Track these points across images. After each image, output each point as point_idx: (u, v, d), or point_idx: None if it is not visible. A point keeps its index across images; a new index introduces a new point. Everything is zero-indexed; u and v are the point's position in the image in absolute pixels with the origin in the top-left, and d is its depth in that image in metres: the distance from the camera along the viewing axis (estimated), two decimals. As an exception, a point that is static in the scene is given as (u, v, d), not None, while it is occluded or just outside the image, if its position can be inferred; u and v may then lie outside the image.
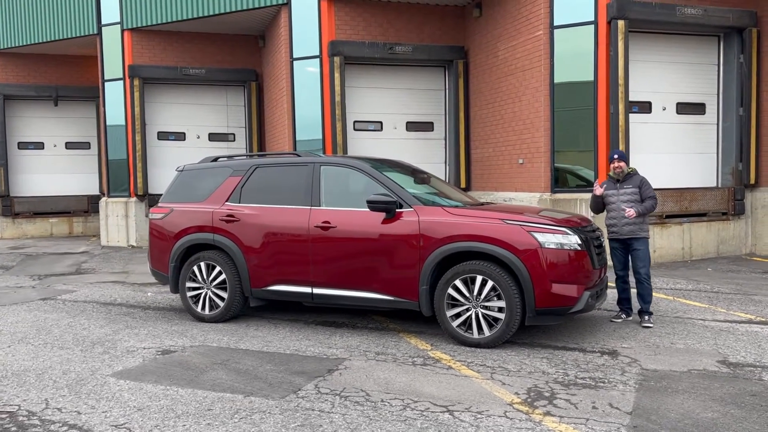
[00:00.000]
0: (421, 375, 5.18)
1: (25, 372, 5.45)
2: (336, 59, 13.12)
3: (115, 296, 9.06)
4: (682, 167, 12.00)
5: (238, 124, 17.06)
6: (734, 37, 11.84)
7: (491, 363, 5.48)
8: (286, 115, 13.89)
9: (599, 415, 4.24)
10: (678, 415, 4.23)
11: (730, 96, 11.98)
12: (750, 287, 8.83)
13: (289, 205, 6.90)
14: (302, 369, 5.39)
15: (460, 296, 6.01)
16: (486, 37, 13.28)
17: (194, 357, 5.82)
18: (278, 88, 14.53)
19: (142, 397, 4.74)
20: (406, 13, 13.83)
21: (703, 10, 11.24)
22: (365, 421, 4.22)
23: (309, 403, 4.56)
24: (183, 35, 16.02)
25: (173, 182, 7.81)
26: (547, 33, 11.38)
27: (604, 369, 5.28)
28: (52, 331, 6.97)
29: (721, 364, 5.36)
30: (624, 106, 10.92)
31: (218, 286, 7.17)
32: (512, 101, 12.42)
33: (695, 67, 12.04)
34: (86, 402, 4.67)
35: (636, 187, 6.86)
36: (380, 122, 14.18)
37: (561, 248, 5.82)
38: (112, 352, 6.04)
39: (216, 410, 4.46)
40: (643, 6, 10.93)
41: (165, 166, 16.31)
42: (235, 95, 16.93)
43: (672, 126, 11.95)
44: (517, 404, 4.48)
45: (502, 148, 12.86)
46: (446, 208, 6.30)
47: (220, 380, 5.12)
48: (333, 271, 6.58)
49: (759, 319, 7.01)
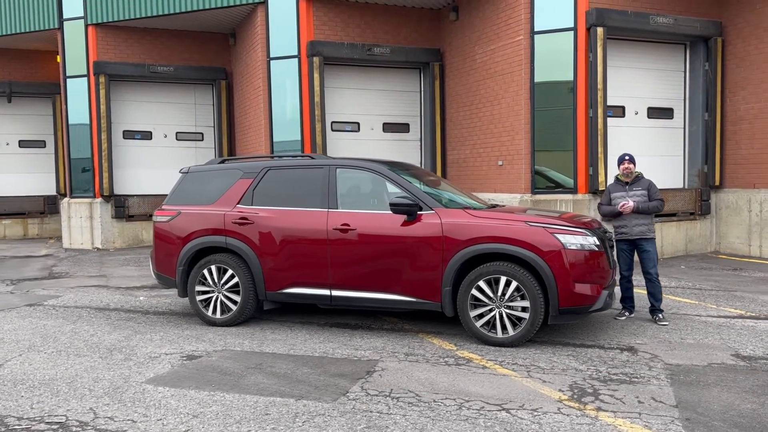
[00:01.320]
0: (460, 375, 5.30)
1: (52, 381, 5.29)
2: (315, 59, 13.10)
3: (106, 301, 8.81)
4: (653, 169, 12.45)
5: (207, 123, 16.78)
6: (700, 46, 12.45)
7: (522, 362, 5.65)
8: (263, 115, 13.77)
9: (649, 409, 4.46)
10: (720, 407, 4.49)
11: (696, 101, 12.59)
12: (728, 283, 9.33)
13: (305, 208, 6.89)
14: (340, 371, 5.43)
15: (483, 297, 6.15)
16: (463, 41, 13.51)
17: (224, 362, 5.77)
18: (253, 87, 14.38)
19: (191, 404, 4.69)
20: (383, 14, 13.92)
21: (673, 19, 11.79)
22: (428, 421, 4.30)
23: (364, 405, 4.62)
24: (150, 31, 15.65)
25: (178, 184, 7.67)
26: (528, 38, 11.69)
27: (630, 365, 5.52)
28: (58, 338, 6.76)
29: (736, 358, 5.69)
30: (603, 110, 11.34)
31: (230, 290, 7.10)
32: (491, 104, 12.69)
33: (664, 73, 12.60)
34: (135, 410, 4.58)
35: (645, 189, 7.14)
36: (357, 123, 14.23)
37: (582, 249, 6.05)
38: (135, 359, 5.91)
39: (274, 415, 4.46)
40: (619, 14, 11.37)
41: (131, 166, 15.94)
42: (203, 94, 16.64)
43: (643, 130, 12.47)
44: (566, 401, 4.66)
45: (479, 150, 13.12)
46: (468, 211, 6.44)
47: (263, 384, 5.11)
48: (353, 273, 6.62)
49: (749, 314, 7.44)
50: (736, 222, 12.28)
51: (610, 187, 7.37)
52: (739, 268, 10.70)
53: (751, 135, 12.07)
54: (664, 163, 12.71)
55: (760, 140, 11.91)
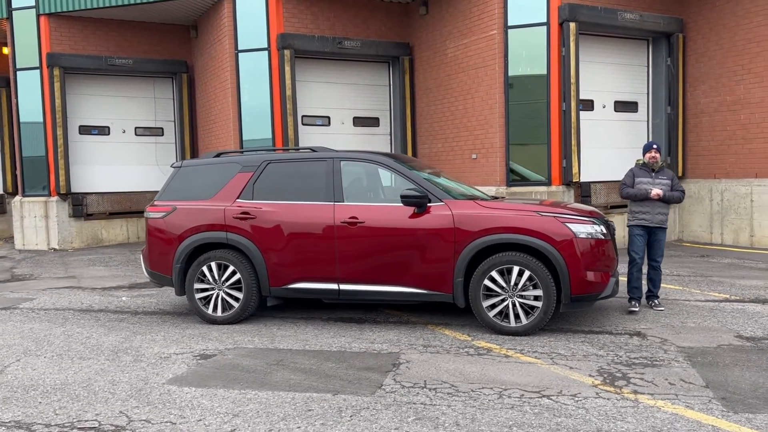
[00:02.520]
0: (486, 364, 5.33)
1: (66, 385, 5.03)
2: (286, 52, 12.90)
3: (87, 302, 8.45)
4: (620, 161, 12.84)
5: (167, 117, 16.28)
6: (662, 42, 12.89)
7: (542, 349, 5.74)
8: (231, 109, 13.48)
9: (683, 390, 4.60)
10: (748, 386, 4.68)
11: (659, 95, 13.04)
12: (702, 269, 9.72)
13: (309, 201, 6.78)
14: (366, 365, 5.38)
15: (496, 287, 6.21)
16: (433, 35, 13.56)
17: (242, 359, 5.62)
18: (219, 80, 14.05)
19: (226, 403, 4.55)
20: (353, 7, 13.83)
21: (639, 15, 12.16)
22: (475, 411, 4.31)
23: (405, 398, 4.59)
24: (107, 23, 15.06)
25: (171, 179, 7.42)
26: (502, 33, 11.84)
27: (645, 349, 5.68)
28: (52, 341, 6.44)
29: (740, 339, 5.94)
30: (575, 104, 11.61)
31: (232, 287, 6.92)
32: (464, 98, 12.80)
33: (629, 68, 12.99)
34: (169, 412, 4.42)
35: (670, 179, 7.23)
36: (328, 117, 14.11)
37: (591, 237, 6.18)
38: (145, 360, 5.70)
39: (317, 410, 4.38)
40: (590, 10, 11.65)
41: (88, 163, 15.33)
42: (163, 87, 16.13)
43: (611, 123, 12.83)
44: (601, 386, 4.75)
45: (452, 144, 13.22)
46: (479, 202, 6.48)
47: (293, 380, 5.01)
48: (362, 266, 6.56)
49: (733, 297, 7.77)
50: (699, 211, 12.80)
51: (635, 170, 7.38)
52: (706, 255, 11.16)
53: (711, 127, 12.59)
54: (629, 154, 13.06)
55: (719, 132, 12.44)
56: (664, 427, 3.97)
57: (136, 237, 15.68)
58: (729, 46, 12.12)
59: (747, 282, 8.68)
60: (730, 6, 12.08)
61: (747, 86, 11.90)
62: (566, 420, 4.11)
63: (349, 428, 4.07)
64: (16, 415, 4.43)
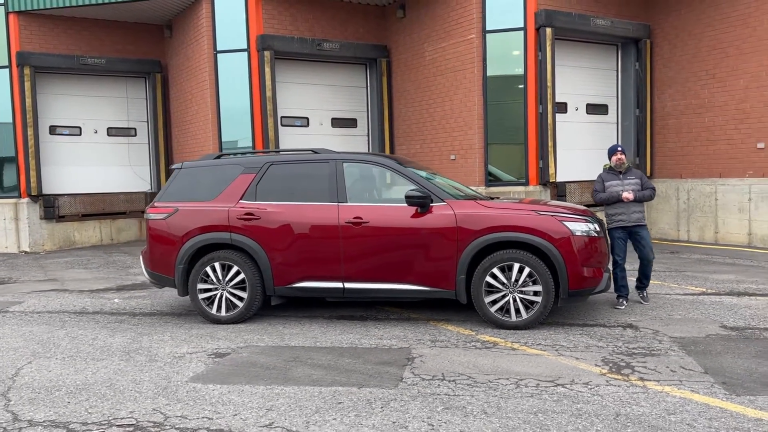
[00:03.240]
0: (496, 357, 5.59)
1: (89, 385, 5.09)
2: (266, 53, 12.98)
3: (80, 305, 8.41)
4: (592, 162, 13.35)
5: (140, 118, 16.13)
6: (631, 47, 13.43)
7: (544, 342, 6.03)
8: (209, 110, 13.48)
9: (685, 377, 4.94)
10: (743, 371, 5.05)
11: (628, 98, 13.58)
12: (675, 265, 10.21)
13: (313, 202, 6.94)
14: (381, 360, 5.57)
15: (497, 283, 6.48)
16: (411, 38, 13.82)
17: (258, 357, 5.75)
18: (196, 81, 14.02)
19: (256, 398, 4.69)
20: (331, 9, 13.99)
21: (610, 21, 12.66)
22: (498, 400, 4.56)
23: (428, 389, 4.80)
24: (79, 21, 14.86)
25: (172, 180, 7.46)
26: (480, 37, 12.17)
27: (641, 339, 6.03)
28: (58, 343, 6.44)
29: (725, 329, 6.34)
30: (552, 107, 12.02)
31: (236, 287, 7.02)
32: (442, 100, 13.09)
33: (599, 72, 13.50)
34: (202, 408, 4.53)
35: (638, 178, 7.61)
36: (307, 118, 14.23)
37: (587, 235, 6.51)
38: (160, 360, 5.77)
39: (347, 403, 4.56)
40: (565, 15, 12.09)
41: (60, 164, 15.10)
42: (136, 87, 15.98)
43: (583, 125, 13.31)
44: (609, 374, 5.06)
45: (431, 145, 13.50)
46: (479, 201, 6.74)
47: (315, 376, 5.17)
48: (367, 265, 6.75)
49: (710, 291, 8.23)
50: (666, 209, 13.38)
51: (603, 176, 7.72)
52: (675, 252, 11.70)
53: (677, 129, 13.18)
54: (601, 155, 13.54)
55: (685, 134, 13.04)
56: (677, 409, 4.28)
57: (110, 239, 15.51)
58: (694, 52, 12.72)
59: (719, 276, 9.18)
60: (694, 14, 12.68)
61: (711, 91, 12.51)
62: (585, 406, 4.39)
63: (383, 419, 4.26)
64: (49, 415, 4.47)
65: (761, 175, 11.79)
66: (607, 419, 4.15)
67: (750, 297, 7.79)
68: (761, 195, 11.75)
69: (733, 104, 12.16)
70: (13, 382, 5.23)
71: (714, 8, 12.33)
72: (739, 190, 12.09)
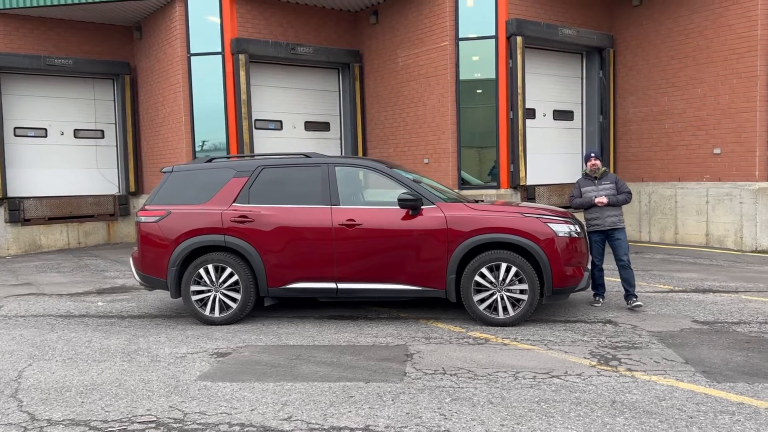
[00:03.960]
0: (490, 352, 5.88)
1: (98, 385, 5.17)
2: (241, 57, 13.06)
3: (64, 308, 8.38)
4: (559, 166, 13.93)
5: (108, 120, 15.95)
6: (595, 55, 14.00)
7: (532, 337, 6.35)
8: (183, 113, 13.47)
9: (668, 367, 5.32)
10: (720, 361, 5.46)
11: (593, 105, 14.14)
12: (641, 265, 10.72)
13: (306, 205, 7.12)
14: (381, 356, 5.80)
15: (486, 282, 6.78)
16: (384, 44, 14.08)
17: (260, 356, 5.91)
18: (168, 83, 13.99)
19: (268, 395, 4.86)
20: (305, 14, 14.15)
21: (576, 31, 13.18)
22: (500, 390, 4.84)
23: (432, 382, 5.05)
24: (46, 21, 14.64)
25: (163, 183, 7.52)
26: (453, 44, 12.53)
27: (622, 334, 6.41)
28: (53, 346, 6.46)
29: (697, 323, 6.78)
30: (522, 113, 12.45)
31: (229, 288, 7.14)
32: (416, 105, 13.39)
33: (566, 79, 14.02)
34: (218, 404, 4.68)
35: (613, 183, 7.87)
36: (280, 121, 14.34)
37: (569, 236, 6.87)
38: (164, 360, 5.87)
39: (358, 397, 4.77)
40: (535, 25, 12.54)
41: (25, 166, 14.84)
42: (104, 89, 15.80)
43: (550, 130, 13.80)
44: (598, 366, 5.40)
45: (404, 149, 13.78)
46: (468, 204, 7.03)
47: (321, 372, 5.36)
48: (360, 266, 6.96)
49: (677, 288, 8.72)
50: (629, 211, 13.96)
51: (579, 181, 8.05)
52: (639, 252, 12.25)
53: (639, 135, 13.79)
54: (567, 160, 14.15)
55: (647, 140, 13.65)
56: (666, 396, 4.64)
57: (77, 243, 15.29)
58: (655, 62, 13.34)
59: (683, 275, 9.71)
60: (654, 26, 13.31)
61: (671, 98, 13.15)
62: (582, 395, 4.71)
63: (396, 410, 4.49)
64: (66, 414, 4.55)
65: (717, 179, 12.45)
66: (605, 406, 4.48)
67: (714, 294, 8.30)
68: (717, 198, 12.41)
69: (691, 112, 12.81)
70: (19, 384, 5.27)
71: (673, 21, 12.97)
72: (697, 193, 12.74)
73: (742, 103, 12.01)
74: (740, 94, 12.04)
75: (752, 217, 11.94)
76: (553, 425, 4.18)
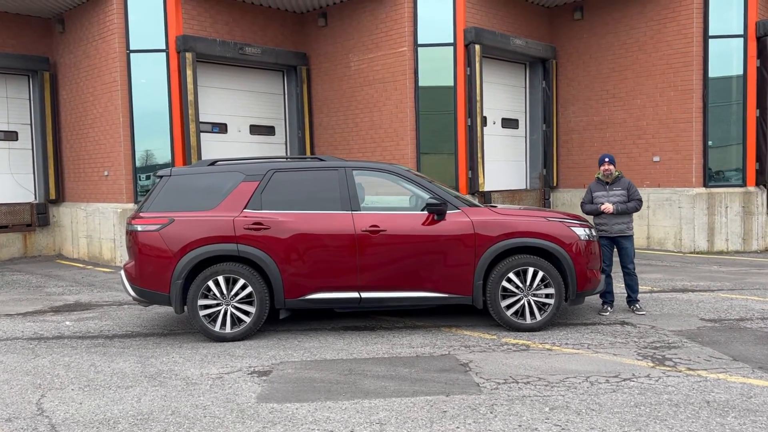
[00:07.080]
0: (543, 357, 5.80)
1: (147, 414, 4.56)
2: (188, 55, 12.28)
3: (29, 331, 7.41)
4: (509, 172, 14.23)
5: (22, 120, 14.42)
6: (539, 66, 14.45)
7: (569, 341, 6.35)
8: (120, 114, 12.45)
9: (723, 364, 5.48)
10: (763, 356, 5.70)
11: (536, 114, 14.59)
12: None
13: (323, 210, 6.74)
14: (437, 367, 5.56)
15: (512, 287, 6.72)
16: (334, 47, 13.77)
17: (307, 372, 5.48)
18: (102, 81, 12.89)
19: (352, 413, 4.49)
20: (250, 13, 13.56)
21: (525, 41, 13.55)
22: (589, 397, 4.76)
23: (514, 392, 4.89)
24: (-47, 9, 13.04)
25: (159, 189, 6.84)
26: (412, 50, 12.46)
27: (650, 335, 6.55)
28: (55, 373, 5.67)
29: (707, 321, 7.08)
30: (480, 119, 12.60)
31: (241, 301, 6.60)
32: (370, 111, 13.18)
33: (512, 88, 14.39)
34: (308, 427, 4.27)
35: (624, 189, 7.80)
36: (225, 124, 13.63)
37: (588, 239, 6.96)
38: (202, 383, 5.29)
39: (451, 411, 4.52)
40: (491, 34, 12.75)
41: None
42: (18, 86, 14.27)
43: (498, 138, 14.07)
44: (657, 367, 5.46)
45: (358, 155, 13.51)
46: (492, 209, 6.95)
47: (390, 387, 5.05)
48: (384, 274, 6.68)
49: (656, 289, 9.11)
50: (572, 217, 14.48)
51: (591, 186, 7.99)
52: (590, 255, 12.71)
53: (580, 144, 14.38)
54: (512, 166, 14.49)
55: (588, 148, 14.26)
56: (749, 393, 4.76)
57: (-11, 256, 13.69)
58: (596, 74, 13.98)
59: (650, 276, 10.17)
60: (595, 39, 13.95)
61: (611, 109, 13.82)
62: (670, 396, 4.73)
63: (505, 423, 4.28)
64: (140, 451, 3.97)
65: (657, 185, 13.21)
66: (704, 406, 4.52)
67: (694, 293, 8.74)
68: (657, 203, 13.16)
69: (631, 121, 13.53)
70: (49, 420, 4.55)
71: (614, 35, 13.65)
72: (638, 199, 13.43)
73: (680, 114, 12.84)
74: (677, 106, 12.86)
75: (690, 220, 12.76)
76: (674, 429, 4.14)
